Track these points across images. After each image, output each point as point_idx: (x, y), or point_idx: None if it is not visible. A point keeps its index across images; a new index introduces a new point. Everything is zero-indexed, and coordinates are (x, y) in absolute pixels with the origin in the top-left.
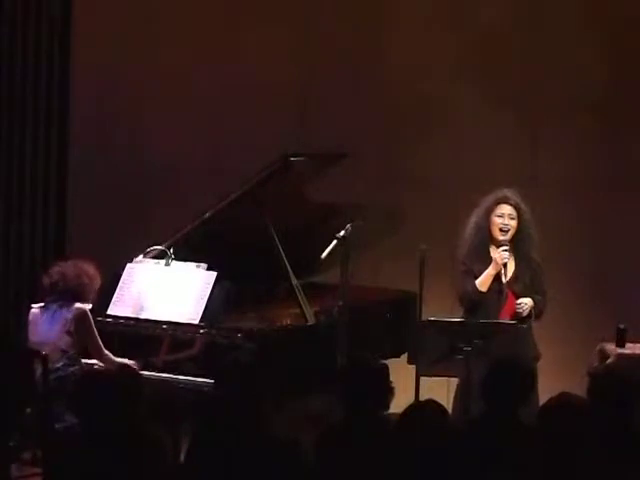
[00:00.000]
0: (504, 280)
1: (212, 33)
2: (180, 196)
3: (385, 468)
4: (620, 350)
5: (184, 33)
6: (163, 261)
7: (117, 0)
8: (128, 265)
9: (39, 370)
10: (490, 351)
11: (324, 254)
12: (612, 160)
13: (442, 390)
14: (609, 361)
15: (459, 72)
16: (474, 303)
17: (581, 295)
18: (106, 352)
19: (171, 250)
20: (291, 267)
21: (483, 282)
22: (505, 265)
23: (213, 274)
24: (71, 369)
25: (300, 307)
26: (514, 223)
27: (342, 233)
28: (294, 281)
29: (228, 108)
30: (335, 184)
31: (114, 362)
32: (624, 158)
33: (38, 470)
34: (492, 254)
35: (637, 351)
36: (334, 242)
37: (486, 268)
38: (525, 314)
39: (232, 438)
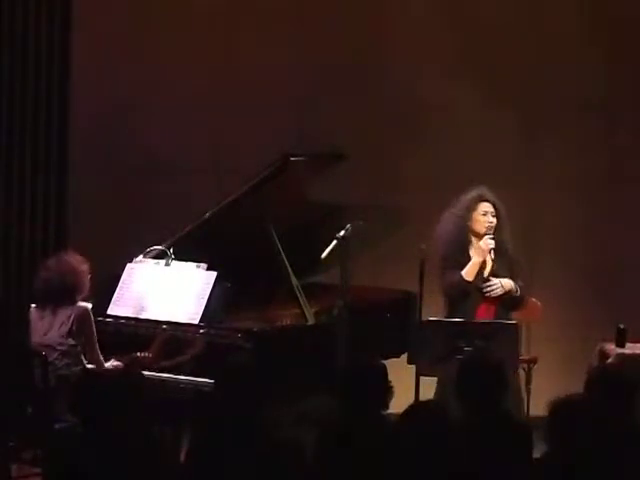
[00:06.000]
0: (485, 274)
1: (212, 33)
2: (180, 196)
3: (385, 468)
4: (620, 350)
5: (184, 33)
6: (163, 261)
7: (117, 0)
8: (128, 265)
9: (39, 370)
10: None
11: (324, 254)
12: (611, 160)
13: None
14: (609, 361)
15: (459, 72)
16: (462, 294)
17: (581, 294)
18: (99, 355)
19: (171, 250)
20: (291, 267)
21: (469, 271)
22: (490, 252)
23: (213, 274)
24: (73, 369)
25: (300, 307)
26: (495, 220)
27: (342, 233)
28: (294, 281)
29: (228, 108)
30: (335, 184)
31: (103, 366)
32: (623, 158)
33: (38, 470)
34: (476, 245)
35: (637, 351)
36: (334, 242)
37: (466, 263)
38: (496, 293)
39: (232, 438)
